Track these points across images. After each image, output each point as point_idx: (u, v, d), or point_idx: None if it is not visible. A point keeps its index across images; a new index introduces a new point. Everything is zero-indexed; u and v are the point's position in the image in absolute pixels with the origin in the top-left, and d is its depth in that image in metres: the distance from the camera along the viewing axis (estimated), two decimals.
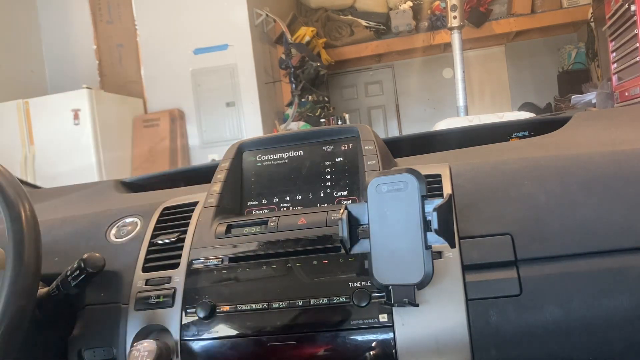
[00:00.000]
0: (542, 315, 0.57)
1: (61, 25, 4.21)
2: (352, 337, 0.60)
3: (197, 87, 3.98)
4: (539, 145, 0.87)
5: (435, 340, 0.58)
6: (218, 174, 0.79)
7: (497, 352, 0.58)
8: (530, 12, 4.59)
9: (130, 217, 0.80)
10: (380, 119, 5.67)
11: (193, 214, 0.76)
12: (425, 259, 0.53)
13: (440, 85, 5.40)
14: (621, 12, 2.83)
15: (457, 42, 3.67)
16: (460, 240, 0.63)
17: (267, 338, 0.62)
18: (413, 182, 0.54)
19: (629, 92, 2.83)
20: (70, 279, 0.65)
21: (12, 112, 3.46)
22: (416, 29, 4.79)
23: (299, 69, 4.04)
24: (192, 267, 0.68)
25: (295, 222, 0.69)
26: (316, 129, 0.81)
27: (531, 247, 0.61)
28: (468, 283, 0.60)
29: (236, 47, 3.90)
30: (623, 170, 0.64)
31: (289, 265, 0.65)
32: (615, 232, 0.59)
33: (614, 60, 3.08)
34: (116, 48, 4.19)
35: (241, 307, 0.64)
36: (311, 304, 0.62)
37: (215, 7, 3.90)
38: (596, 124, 0.94)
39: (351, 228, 0.57)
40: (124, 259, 0.73)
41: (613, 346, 0.58)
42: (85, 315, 0.70)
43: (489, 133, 1.14)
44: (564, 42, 5.06)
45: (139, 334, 0.66)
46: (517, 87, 5.34)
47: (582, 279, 0.58)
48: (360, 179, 0.74)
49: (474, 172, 0.71)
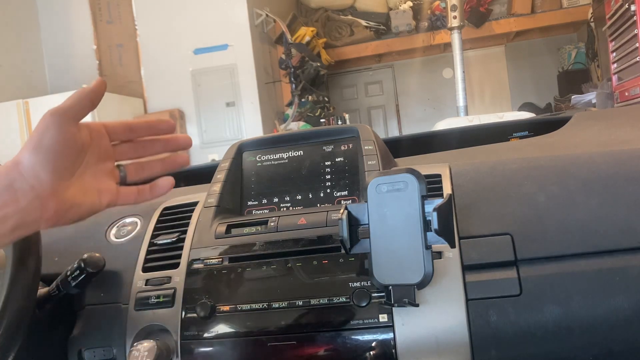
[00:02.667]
0: (542, 315, 0.57)
1: (61, 25, 4.22)
2: (352, 337, 0.60)
3: (197, 87, 3.98)
4: (539, 145, 0.87)
5: (435, 340, 0.58)
6: (218, 174, 0.79)
7: (497, 352, 0.58)
8: (530, 12, 4.60)
9: (130, 217, 0.80)
10: (380, 119, 5.67)
11: (193, 214, 0.76)
12: (425, 259, 0.53)
13: (440, 85, 5.41)
14: (621, 12, 2.84)
15: (457, 42, 3.67)
16: (460, 240, 0.63)
17: (267, 338, 0.62)
18: (413, 182, 0.54)
19: (629, 92, 2.83)
20: (70, 279, 0.65)
21: (12, 112, 3.47)
22: (416, 29, 4.79)
23: (299, 69, 4.05)
24: (192, 267, 0.68)
25: (295, 222, 0.69)
26: (316, 129, 0.81)
27: (531, 247, 0.61)
28: (468, 283, 0.60)
29: (236, 47, 3.90)
30: (623, 170, 0.64)
31: (289, 265, 0.65)
32: (616, 232, 0.59)
33: (614, 60, 3.08)
34: (116, 48, 4.20)
35: (241, 307, 0.64)
36: (311, 304, 0.62)
37: (215, 7, 3.90)
38: (596, 124, 0.94)
39: (351, 228, 0.57)
40: (124, 259, 0.73)
41: (613, 346, 0.58)
42: (85, 315, 0.70)
43: (489, 133, 1.14)
44: (564, 42, 5.06)
45: (139, 334, 0.66)
46: (517, 87, 5.34)
47: (582, 279, 0.58)
48: (360, 179, 0.74)
49: (474, 172, 0.71)
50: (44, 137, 0.47)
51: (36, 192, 0.47)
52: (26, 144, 0.48)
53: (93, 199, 0.52)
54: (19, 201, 0.46)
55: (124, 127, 0.56)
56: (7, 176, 0.46)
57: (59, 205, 0.49)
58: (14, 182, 0.46)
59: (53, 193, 0.48)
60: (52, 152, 0.48)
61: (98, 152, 0.54)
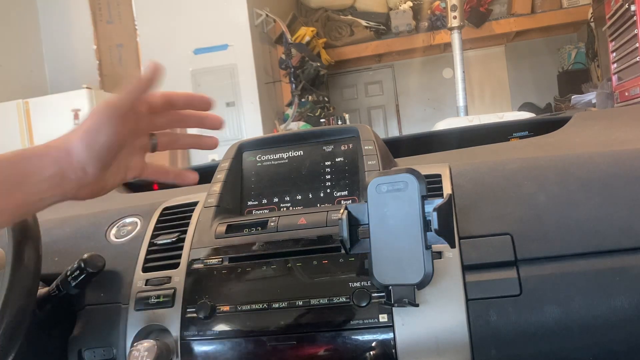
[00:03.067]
0: (542, 315, 0.57)
1: (61, 25, 4.21)
2: (352, 337, 0.60)
3: (197, 87, 3.98)
4: (539, 145, 0.87)
5: (435, 340, 0.58)
6: (218, 174, 0.79)
7: (497, 352, 0.58)
8: (530, 12, 4.59)
9: (130, 217, 0.80)
10: (380, 119, 5.66)
11: (193, 214, 0.76)
12: (425, 259, 0.53)
13: (440, 85, 5.40)
14: (621, 12, 2.83)
15: (457, 42, 3.67)
16: (460, 240, 0.63)
17: (267, 338, 0.62)
18: (413, 182, 0.54)
19: (629, 92, 2.83)
20: (70, 279, 0.65)
21: (12, 112, 3.46)
22: (416, 29, 4.79)
23: (299, 69, 4.04)
24: (192, 267, 0.68)
25: (295, 222, 0.69)
26: (316, 129, 0.81)
27: (531, 247, 0.61)
28: (468, 283, 0.60)
29: (236, 47, 3.90)
30: (623, 170, 0.64)
31: (289, 265, 0.65)
32: (616, 232, 0.59)
33: (614, 60, 3.08)
34: (116, 48, 4.19)
35: (241, 307, 0.63)
36: (311, 304, 0.62)
37: (215, 7, 3.89)
38: (596, 124, 0.94)
39: (351, 228, 0.56)
40: (124, 259, 0.73)
41: (613, 346, 0.58)
42: (85, 315, 0.70)
43: (489, 133, 1.14)
44: (564, 42, 5.06)
45: (139, 334, 0.66)
46: (517, 87, 5.34)
47: (582, 279, 0.58)
48: (360, 179, 0.74)
49: (474, 172, 0.71)
50: (99, 135, 0.49)
51: (79, 181, 0.50)
52: (80, 135, 0.49)
53: (121, 176, 0.56)
54: (63, 187, 0.49)
55: (165, 99, 0.57)
56: (57, 163, 0.48)
57: (93, 189, 0.52)
58: (62, 171, 0.48)
59: (93, 181, 0.51)
60: (105, 150, 0.50)
61: (137, 129, 0.55)
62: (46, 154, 0.49)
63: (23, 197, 0.47)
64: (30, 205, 0.48)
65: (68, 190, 0.50)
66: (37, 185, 0.47)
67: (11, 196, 0.46)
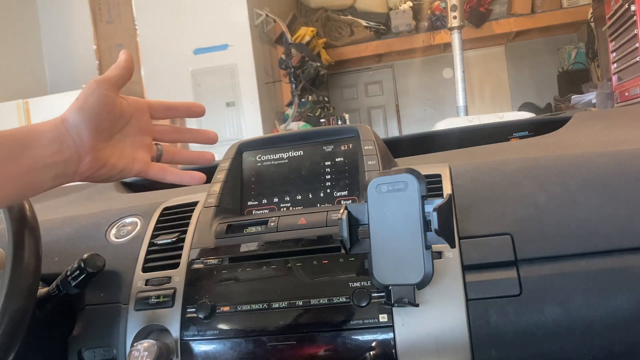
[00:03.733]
0: (542, 315, 0.57)
1: (61, 25, 4.21)
2: (352, 337, 0.60)
3: (197, 87, 3.98)
4: (539, 145, 0.87)
5: (435, 340, 0.58)
6: (218, 174, 0.79)
7: (497, 352, 0.58)
8: (530, 12, 4.59)
9: (130, 217, 0.80)
10: (380, 119, 5.67)
11: (193, 214, 0.76)
12: (425, 259, 0.53)
13: (440, 85, 5.40)
14: (621, 12, 2.84)
15: (457, 42, 3.67)
16: (460, 240, 0.63)
17: (267, 338, 0.62)
18: (413, 182, 0.54)
19: (629, 92, 2.83)
20: (70, 279, 0.65)
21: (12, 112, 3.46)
22: (416, 29, 4.79)
23: (299, 69, 4.04)
24: (192, 267, 0.68)
25: (295, 222, 0.69)
26: (316, 129, 0.81)
27: (531, 247, 0.61)
28: (468, 283, 0.60)
29: (236, 47, 3.90)
30: (623, 170, 0.64)
31: (289, 265, 0.65)
32: (616, 232, 0.59)
33: (614, 60, 3.08)
34: (116, 48, 4.19)
35: (241, 307, 0.64)
36: (311, 304, 0.62)
37: (215, 7, 3.89)
38: (596, 124, 0.94)
39: (351, 228, 0.56)
40: (124, 259, 0.73)
41: (613, 346, 0.58)
42: (85, 315, 0.70)
43: (489, 133, 1.14)
44: (564, 42, 5.06)
45: (139, 334, 0.66)
46: (517, 87, 5.34)
47: (582, 279, 0.58)
48: (360, 179, 0.74)
49: (474, 172, 0.71)
50: (88, 99, 0.54)
51: (77, 147, 0.53)
52: (72, 104, 0.54)
53: (126, 163, 0.59)
54: (63, 153, 0.52)
55: (164, 106, 0.64)
56: (55, 129, 0.52)
57: (93, 162, 0.55)
58: (60, 135, 0.52)
59: (90, 150, 0.54)
60: (94, 113, 0.54)
61: (139, 125, 0.61)
62: (45, 122, 0.53)
63: (28, 163, 0.50)
64: (35, 172, 0.50)
65: (68, 157, 0.52)
66: (40, 150, 0.50)
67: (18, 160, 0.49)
